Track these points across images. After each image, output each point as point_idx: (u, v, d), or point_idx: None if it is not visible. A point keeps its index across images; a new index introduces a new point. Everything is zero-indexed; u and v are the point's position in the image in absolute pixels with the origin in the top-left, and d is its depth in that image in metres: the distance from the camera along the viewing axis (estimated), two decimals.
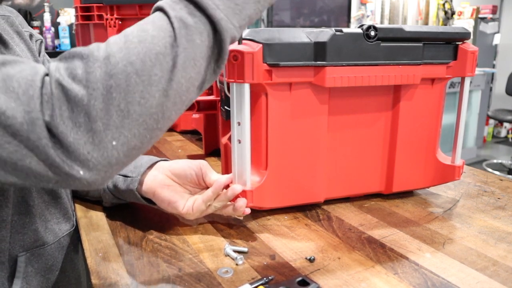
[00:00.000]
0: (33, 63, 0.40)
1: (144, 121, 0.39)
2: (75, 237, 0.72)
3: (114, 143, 0.39)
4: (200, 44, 0.41)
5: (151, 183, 0.62)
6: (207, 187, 0.62)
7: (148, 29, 0.40)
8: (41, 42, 0.74)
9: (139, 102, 0.39)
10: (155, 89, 0.39)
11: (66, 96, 0.37)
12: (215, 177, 0.62)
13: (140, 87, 0.38)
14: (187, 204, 0.61)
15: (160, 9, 0.42)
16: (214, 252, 0.57)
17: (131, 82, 0.38)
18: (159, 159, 0.66)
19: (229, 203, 0.61)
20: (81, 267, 0.74)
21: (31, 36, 0.71)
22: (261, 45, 0.59)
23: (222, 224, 0.65)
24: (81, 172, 0.38)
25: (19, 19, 0.69)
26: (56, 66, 0.38)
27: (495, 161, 4.17)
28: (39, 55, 0.72)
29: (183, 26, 0.40)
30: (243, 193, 0.61)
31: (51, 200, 0.65)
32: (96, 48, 0.39)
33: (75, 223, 0.71)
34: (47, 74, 0.38)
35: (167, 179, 0.62)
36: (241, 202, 0.60)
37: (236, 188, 0.59)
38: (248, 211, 0.61)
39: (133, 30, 0.40)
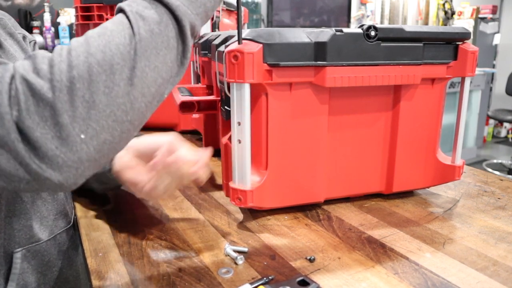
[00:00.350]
0: (7, 63, 0.41)
1: (112, 112, 0.40)
2: (74, 235, 0.72)
3: (82, 136, 0.38)
4: (160, 33, 0.42)
5: (118, 164, 0.62)
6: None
7: (108, 26, 0.42)
8: (35, 43, 0.75)
9: (104, 91, 0.39)
10: (118, 77, 0.40)
11: (31, 90, 0.37)
12: (184, 155, 0.58)
13: (103, 76, 0.39)
14: (149, 184, 0.59)
15: (120, 10, 0.44)
16: (214, 252, 0.57)
17: (93, 72, 0.39)
18: None
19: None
20: (80, 265, 0.74)
21: (24, 37, 0.71)
22: (261, 45, 0.59)
23: (222, 224, 0.65)
24: (50, 171, 0.38)
25: (11, 22, 0.70)
26: (21, 63, 0.39)
27: (495, 161, 4.18)
28: None
29: (140, 18, 0.42)
30: (243, 193, 0.61)
31: (48, 196, 0.66)
32: (60, 47, 0.40)
33: (72, 220, 0.71)
34: None
35: (132, 159, 0.61)
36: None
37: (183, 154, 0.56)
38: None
39: (94, 29, 0.42)
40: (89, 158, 0.40)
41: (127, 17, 0.42)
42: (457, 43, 0.69)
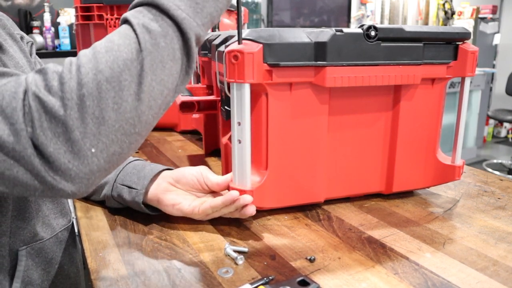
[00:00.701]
0: (18, 74, 0.42)
1: (120, 127, 0.41)
2: (73, 232, 0.73)
3: (93, 150, 0.40)
4: (166, 47, 0.43)
5: (154, 191, 0.64)
6: (210, 190, 0.65)
7: (114, 39, 0.42)
8: (32, 44, 0.75)
9: (113, 107, 0.40)
10: (126, 93, 0.41)
11: (44, 108, 0.39)
12: (215, 179, 0.64)
13: (111, 93, 0.40)
14: (193, 203, 0.62)
15: (126, 20, 0.44)
16: (214, 252, 0.57)
17: (102, 89, 0.40)
18: (161, 168, 0.67)
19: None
20: (80, 262, 0.75)
21: (21, 38, 0.72)
22: (261, 45, 0.59)
23: (222, 224, 0.65)
24: (64, 182, 0.40)
25: (9, 22, 0.70)
26: (32, 79, 0.40)
27: (495, 161, 4.18)
28: (30, 57, 0.73)
29: (146, 31, 0.42)
30: (244, 193, 0.61)
31: None
32: (69, 62, 0.41)
33: (72, 219, 0.72)
34: None
35: (170, 186, 0.64)
36: (251, 209, 0.61)
37: (247, 198, 0.60)
38: (253, 211, 0.61)
39: (101, 42, 0.42)
40: (99, 169, 0.42)
41: (134, 30, 0.42)
42: (457, 43, 0.69)
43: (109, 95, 0.40)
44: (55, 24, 2.94)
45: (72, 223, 0.73)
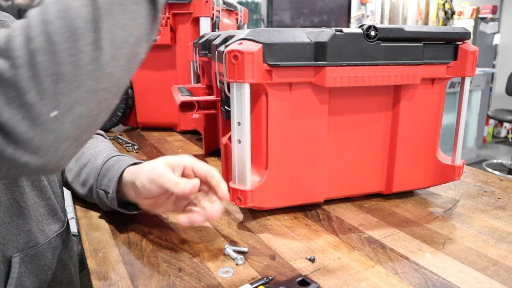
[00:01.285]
0: None
1: (82, 82, 0.36)
2: (66, 237, 0.72)
3: (54, 113, 0.35)
4: None
5: (131, 193, 0.61)
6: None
7: None
8: None
9: (70, 60, 0.35)
10: (83, 42, 0.36)
11: None
12: (175, 181, 0.54)
13: (65, 44, 0.35)
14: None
15: None
16: (214, 252, 0.57)
17: (54, 41, 0.35)
18: (124, 166, 0.62)
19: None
20: (73, 267, 0.74)
21: None
22: (261, 45, 0.59)
23: (222, 224, 0.65)
24: (28, 155, 0.35)
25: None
26: None
27: (495, 161, 4.18)
28: None
29: None
30: (243, 193, 0.61)
31: (41, 201, 0.65)
32: (18, 21, 0.37)
33: (65, 224, 0.71)
34: None
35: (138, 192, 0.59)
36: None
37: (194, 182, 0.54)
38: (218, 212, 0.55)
39: None
40: (67, 136, 0.37)
41: None
42: (457, 43, 0.69)
43: (63, 46, 0.35)
44: None
45: (65, 228, 0.72)
